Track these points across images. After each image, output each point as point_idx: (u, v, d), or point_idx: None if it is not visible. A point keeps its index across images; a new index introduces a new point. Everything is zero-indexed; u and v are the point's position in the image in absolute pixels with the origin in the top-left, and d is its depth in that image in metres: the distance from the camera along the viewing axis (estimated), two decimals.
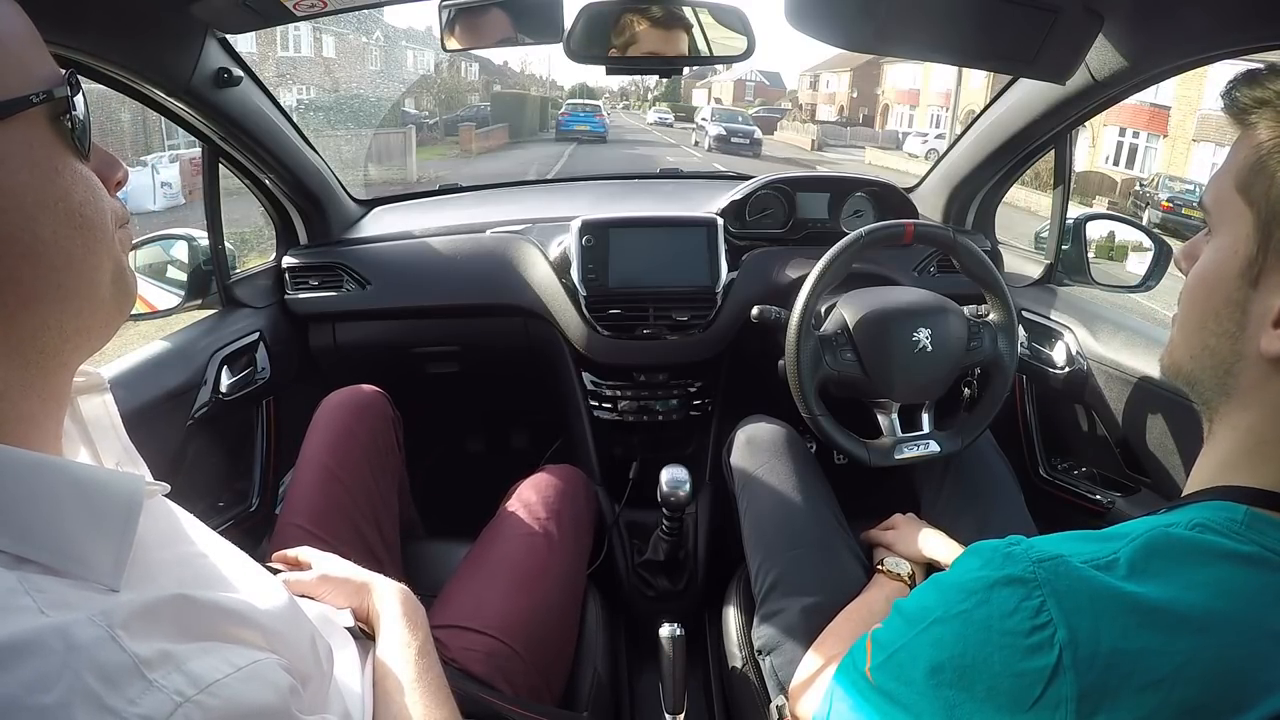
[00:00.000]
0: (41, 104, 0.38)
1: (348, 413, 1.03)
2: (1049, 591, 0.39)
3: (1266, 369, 0.42)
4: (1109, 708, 0.38)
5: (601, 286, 1.30)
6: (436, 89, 24.80)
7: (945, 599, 0.45)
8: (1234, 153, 0.44)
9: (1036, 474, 1.36)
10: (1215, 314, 0.45)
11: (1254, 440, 0.44)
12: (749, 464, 1.05)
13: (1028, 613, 0.39)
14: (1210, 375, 0.46)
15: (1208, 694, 0.38)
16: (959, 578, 0.45)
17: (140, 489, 0.40)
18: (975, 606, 0.42)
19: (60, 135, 0.39)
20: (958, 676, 0.42)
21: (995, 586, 0.41)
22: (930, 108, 29.66)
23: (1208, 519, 0.42)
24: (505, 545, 0.94)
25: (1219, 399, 0.46)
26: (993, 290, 1.07)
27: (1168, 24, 0.88)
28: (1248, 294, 0.42)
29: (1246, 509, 0.42)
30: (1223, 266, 0.44)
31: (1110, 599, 0.39)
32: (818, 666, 0.78)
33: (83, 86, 0.42)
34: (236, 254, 1.37)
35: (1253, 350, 0.42)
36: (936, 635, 0.44)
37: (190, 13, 0.93)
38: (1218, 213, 0.45)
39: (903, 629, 0.48)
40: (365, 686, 0.55)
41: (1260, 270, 0.42)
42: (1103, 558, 0.41)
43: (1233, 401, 0.45)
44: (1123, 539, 0.42)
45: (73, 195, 0.39)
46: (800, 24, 0.85)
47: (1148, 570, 0.40)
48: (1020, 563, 0.41)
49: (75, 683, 0.28)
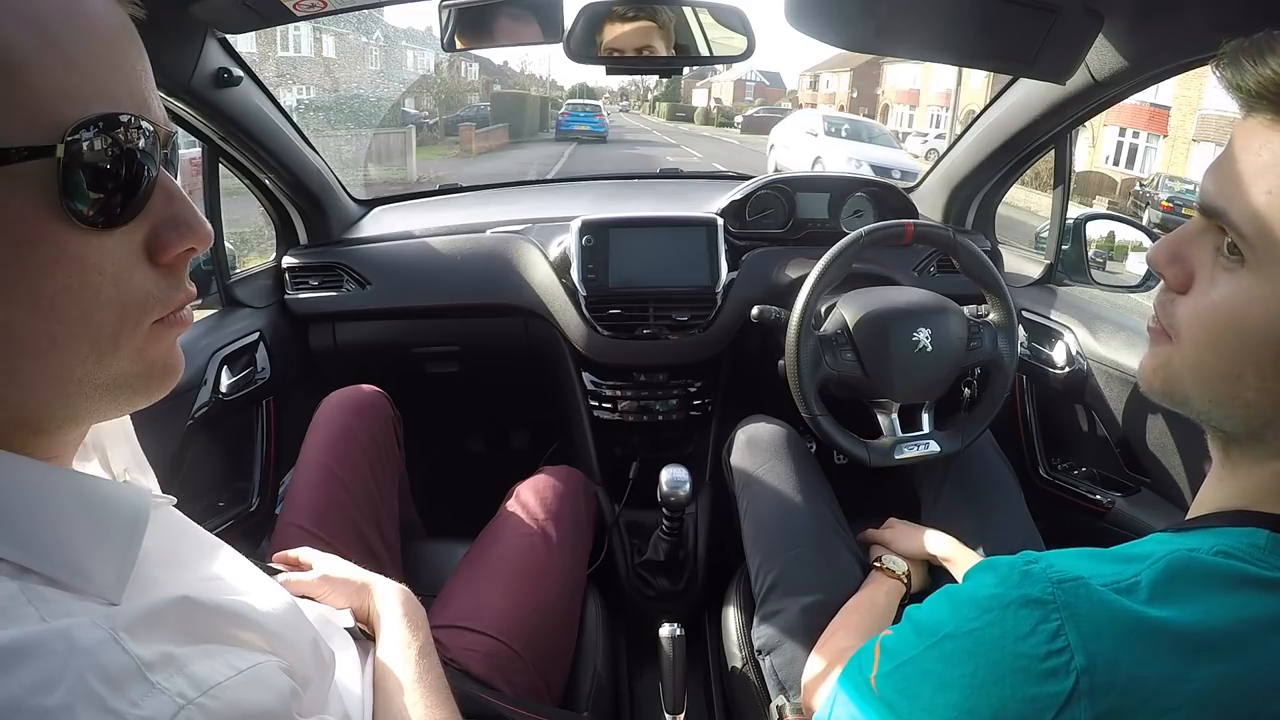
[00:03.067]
0: (25, 161, 0.30)
1: (347, 413, 1.03)
2: (1068, 615, 0.38)
3: None
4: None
5: (601, 286, 1.30)
6: (436, 89, 24.80)
7: (958, 614, 0.44)
8: (1271, 160, 0.37)
9: (1036, 474, 1.36)
10: (1258, 368, 0.39)
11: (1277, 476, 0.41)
12: (749, 464, 1.05)
13: (1044, 636, 0.38)
14: (1240, 426, 0.42)
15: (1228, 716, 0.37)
16: (973, 593, 0.43)
17: (147, 504, 0.39)
18: (989, 625, 0.41)
19: (50, 200, 0.31)
20: (966, 695, 0.41)
21: (1011, 606, 0.40)
22: (930, 108, 29.66)
23: (1231, 545, 0.40)
24: (505, 545, 0.94)
25: (1245, 442, 0.42)
26: (993, 290, 1.07)
27: (1168, 24, 0.88)
28: None
29: (1269, 534, 0.40)
30: (1265, 318, 0.38)
31: (1131, 624, 0.38)
32: (827, 661, 0.78)
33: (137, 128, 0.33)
34: (236, 254, 1.37)
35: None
36: (947, 651, 0.43)
37: (190, 13, 0.93)
38: (1265, 245, 0.37)
39: (913, 640, 0.47)
40: (365, 687, 0.55)
41: None
42: (1124, 580, 0.39)
43: (1264, 447, 0.41)
44: (1144, 561, 0.40)
45: (46, 280, 0.31)
46: (800, 24, 0.85)
47: (1170, 595, 0.39)
48: (1039, 583, 0.39)
49: (78, 684, 0.28)
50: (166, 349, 0.37)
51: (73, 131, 0.31)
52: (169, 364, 0.38)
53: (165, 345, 0.37)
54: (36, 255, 0.31)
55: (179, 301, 0.37)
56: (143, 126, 0.34)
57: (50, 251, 0.32)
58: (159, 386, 0.38)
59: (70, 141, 0.31)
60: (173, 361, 0.38)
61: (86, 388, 0.34)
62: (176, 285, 0.36)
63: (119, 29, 0.34)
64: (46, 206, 0.31)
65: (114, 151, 0.32)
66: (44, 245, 0.31)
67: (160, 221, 0.35)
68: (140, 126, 0.34)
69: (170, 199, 0.36)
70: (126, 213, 0.34)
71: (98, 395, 0.35)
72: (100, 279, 0.33)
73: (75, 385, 0.34)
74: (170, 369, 0.38)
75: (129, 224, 0.34)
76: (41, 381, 0.33)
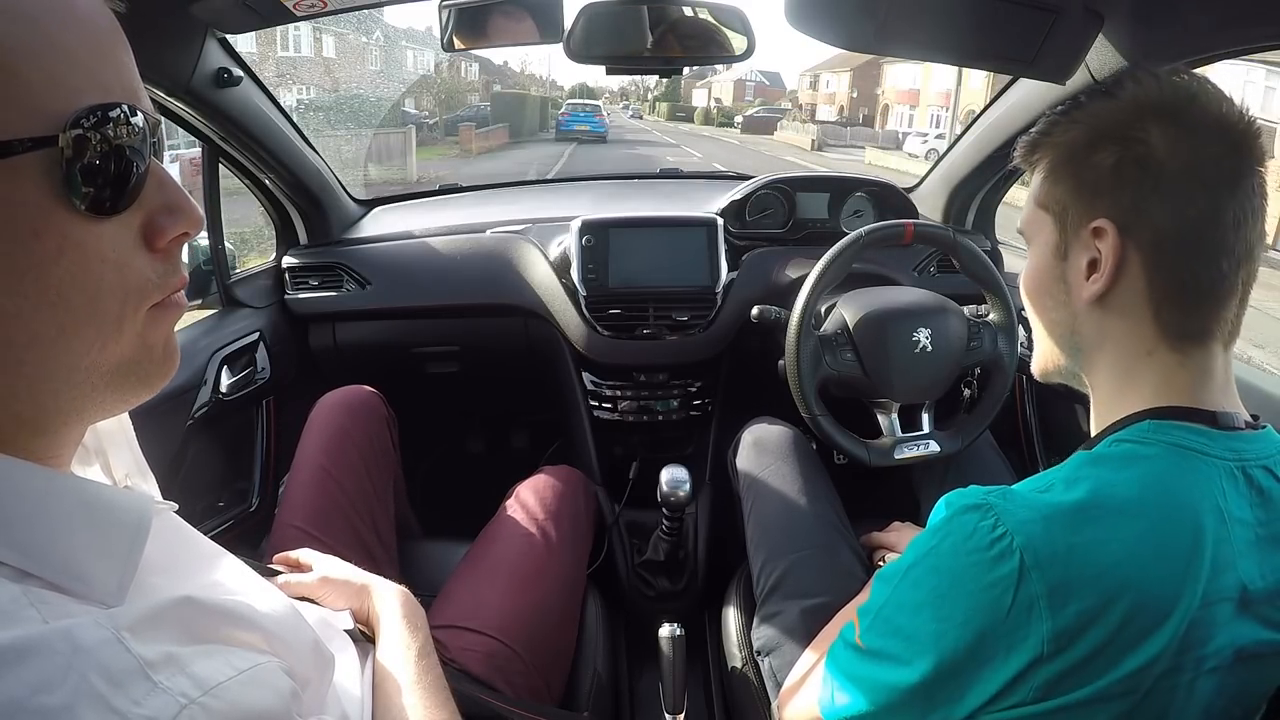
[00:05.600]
0: (28, 152, 0.31)
1: (343, 413, 1.03)
2: (1000, 510, 0.46)
3: (1097, 314, 0.52)
4: (1078, 595, 0.44)
5: (601, 286, 1.31)
6: (436, 89, 24.81)
7: (915, 547, 0.52)
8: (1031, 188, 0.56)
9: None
10: (1049, 294, 0.55)
11: (1118, 371, 0.53)
12: (755, 466, 1.05)
13: (985, 530, 0.46)
14: (1064, 344, 0.56)
15: (1155, 572, 0.44)
16: (926, 527, 0.52)
17: (149, 511, 0.39)
18: (941, 540, 0.49)
19: (53, 189, 0.32)
20: (939, 607, 0.48)
21: (954, 518, 0.48)
22: (930, 108, 29.68)
23: (1119, 437, 0.50)
24: (505, 545, 0.94)
25: (1077, 359, 0.56)
26: (993, 290, 1.07)
27: (1168, 24, 0.87)
28: (1061, 267, 0.54)
29: (1150, 421, 0.49)
30: (1041, 260, 0.56)
31: (1053, 509, 0.46)
32: (808, 667, 0.78)
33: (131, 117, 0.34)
34: (236, 254, 1.37)
35: (1080, 305, 0.53)
36: (913, 578, 0.51)
37: (190, 13, 0.93)
38: (1031, 230, 0.56)
39: (881, 589, 0.54)
40: (365, 689, 0.55)
41: (1066, 245, 0.53)
42: (1042, 485, 0.49)
43: (1086, 356, 0.55)
44: (1055, 471, 0.50)
45: (52, 268, 0.32)
46: (800, 24, 0.85)
47: (1078, 479, 0.47)
48: (974, 495, 0.48)
49: (81, 684, 0.28)
50: (166, 334, 0.38)
51: (72, 121, 0.32)
52: (169, 349, 0.39)
53: (164, 330, 0.38)
54: (42, 245, 0.32)
55: (174, 286, 0.38)
56: (136, 115, 0.35)
57: (55, 240, 0.32)
58: (160, 373, 0.38)
59: (71, 130, 0.32)
60: (172, 347, 0.39)
61: (93, 377, 0.35)
62: (173, 270, 0.37)
63: (106, 23, 0.35)
64: (49, 196, 0.32)
65: (112, 139, 0.33)
66: (49, 234, 0.32)
67: (155, 208, 0.36)
68: (134, 114, 0.35)
69: (162, 186, 0.37)
70: (126, 198, 0.34)
71: (103, 385, 0.36)
72: (103, 265, 0.34)
73: (82, 375, 0.35)
74: (170, 355, 0.39)
75: (127, 211, 0.35)
76: (48, 373, 0.34)
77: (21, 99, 0.31)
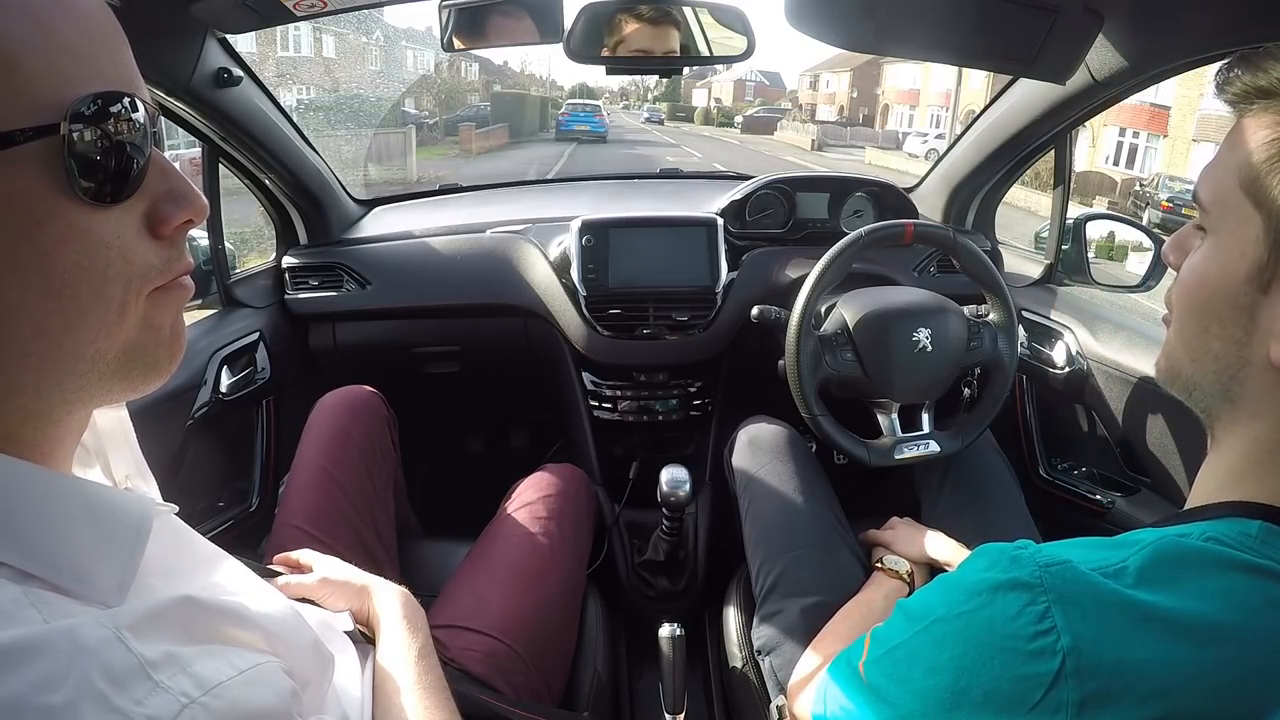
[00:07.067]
0: (30, 142, 0.31)
1: (343, 413, 1.03)
2: (1054, 598, 0.39)
3: (1275, 377, 0.40)
4: (1110, 713, 0.37)
5: (601, 286, 1.31)
6: (436, 89, 24.82)
7: (949, 599, 0.45)
8: (1234, 146, 0.41)
9: (1036, 474, 1.36)
10: (1219, 318, 0.42)
11: (1262, 450, 0.42)
12: (751, 465, 1.05)
13: (1032, 618, 0.39)
14: (1213, 381, 0.44)
15: (1215, 706, 0.37)
16: (964, 578, 0.44)
17: (150, 513, 0.39)
18: (979, 608, 0.42)
19: (55, 178, 0.32)
20: (956, 677, 0.42)
21: (1000, 589, 0.41)
22: (930, 108, 29.68)
23: (1221, 533, 0.41)
24: (505, 545, 0.94)
25: (1222, 406, 0.44)
26: (993, 290, 1.07)
27: (1168, 24, 0.88)
28: (1256, 299, 0.40)
29: (1261, 524, 0.40)
30: (1228, 269, 0.41)
31: (1117, 607, 0.38)
32: (815, 665, 0.78)
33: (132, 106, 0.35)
34: (236, 254, 1.37)
35: (1260, 357, 0.40)
36: (937, 634, 0.44)
37: (190, 13, 0.93)
38: (1218, 212, 0.42)
39: (903, 626, 0.48)
40: (365, 690, 0.55)
41: (1272, 277, 0.39)
42: (1111, 565, 0.40)
43: (1238, 409, 0.43)
44: (1132, 546, 0.41)
45: (56, 258, 0.32)
46: (800, 24, 0.85)
47: (1157, 578, 0.39)
48: (1027, 567, 0.40)
49: (82, 683, 0.28)
50: (173, 315, 0.38)
51: (73, 110, 0.32)
52: (175, 330, 0.38)
53: (171, 311, 0.38)
54: (46, 234, 0.32)
55: (179, 270, 0.38)
56: (136, 103, 0.35)
57: (59, 229, 0.32)
58: (167, 356, 0.38)
59: (73, 119, 0.32)
60: (180, 329, 0.39)
61: (99, 365, 0.35)
62: (177, 256, 0.37)
63: (105, 18, 0.35)
64: (52, 185, 0.32)
65: (114, 127, 0.33)
66: (52, 224, 0.32)
67: (158, 195, 0.36)
68: (134, 103, 0.35)
69: (165, 173, 0.37)
70: (129, 186, 0.34)
71: (109, 373, 0.36)
72: (108, 253, 0.34)
73: (88, 364, 0.35)
74: (176, 337, 0.38)
75: (130, 199, 0.35)
76: (55, 362, 0.34)
77: (22, 90, 0.31)
